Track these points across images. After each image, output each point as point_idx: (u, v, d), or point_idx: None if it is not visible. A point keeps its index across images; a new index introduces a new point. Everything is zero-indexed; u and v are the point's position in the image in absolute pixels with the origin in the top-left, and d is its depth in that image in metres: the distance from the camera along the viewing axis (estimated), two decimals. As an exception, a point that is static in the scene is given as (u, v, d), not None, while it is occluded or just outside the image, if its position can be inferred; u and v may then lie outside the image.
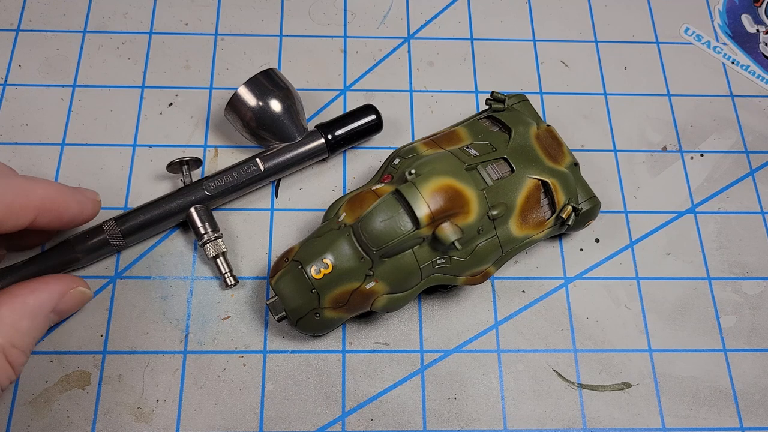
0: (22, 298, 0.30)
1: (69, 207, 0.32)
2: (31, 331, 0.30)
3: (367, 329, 0.36)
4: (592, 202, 0.36)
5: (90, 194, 0.34)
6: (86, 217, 0.33)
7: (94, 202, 0.34)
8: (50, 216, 0.31)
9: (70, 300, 0.33)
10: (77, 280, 0.33)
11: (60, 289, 0.32)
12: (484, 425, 0.34)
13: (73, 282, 0.33)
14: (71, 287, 0.32)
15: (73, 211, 0.32)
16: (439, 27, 0.45)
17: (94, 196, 0.34)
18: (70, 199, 0.32)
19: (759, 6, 0.47)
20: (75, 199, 0.32)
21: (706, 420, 0.35)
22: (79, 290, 0.33)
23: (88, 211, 0.33)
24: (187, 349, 0.35)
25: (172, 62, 0.43)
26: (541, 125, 0.37)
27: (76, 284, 0.33)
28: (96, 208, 0.34)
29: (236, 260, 0.37)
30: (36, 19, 0.44)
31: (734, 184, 0.41)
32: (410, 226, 0.31)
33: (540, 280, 0.38)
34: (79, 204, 0.33)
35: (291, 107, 0.38)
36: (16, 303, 0.30)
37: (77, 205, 0.32)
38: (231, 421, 0.34)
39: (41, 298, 0.31)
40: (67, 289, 0.32)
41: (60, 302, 0.32)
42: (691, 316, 0.37)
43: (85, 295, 0.34)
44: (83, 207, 0.33)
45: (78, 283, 0.33)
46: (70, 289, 0.32)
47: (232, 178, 0.37)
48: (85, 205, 0.33)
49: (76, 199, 0.32)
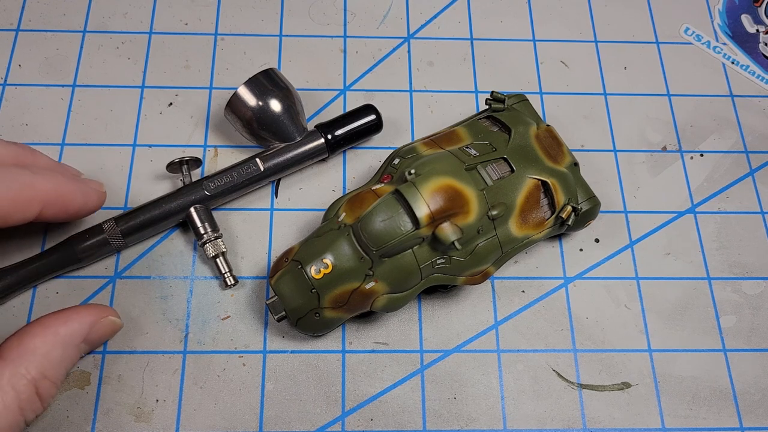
0: (54, 328, 0.30)
1: (74, 199, 0.32)
2: (63, 361, 0.30)
3: (367, 329, 0.36)
4: (592, 202, 0.36)
5: (95, 185, 0.34)
6: (91, 208, 0.33)
7: (99, 193, 0.34)
8: (56, 208, 0.31)
9: (101, 329, 0.32)
10: (107, 310, 0.33)
11: (91, 319, 0.32)
12: (484, 425, 0.34)
13: (104, 311, 0.33)
14: (102, 316, 0.32)
15: (78, 203, 0.32)
16: (439, 27, 0.45)
17: (98, 186, 0.34)
18: (75, 191, 0.32)
19: (759, 6, 0.47)
20: (80, 190, 0.33)
21: (705, 420, 0.35)
22: (110, 320, 0.33)
23: (93, 202, 0.33)
24: (187, 349, 0.35)
25: (171, 62, 0.43)
26: (540, 125, 0.37)
27: (107, 314, 0.33)
28: (101, 199, 0.34)
29: (236, 260, 0.37)
30: (36, 19, 0.44)
31: (734, 184, 0.41)
32: (410, 226, 0.31)
33: (540, 280, 0.38)
34: (84, 196, 0.33)
35: (291, 107, 0.38)
36: (47, 333, 0.30)
37: (82, 197, 0.33)
38: (231, 421, 0.34)
39: (72, 328, 0.31)
40: (97, 318, 0.32)
41: (91, 332, 0.32)
42: (691, 316, 0.37)
43: (115, 324, 0.33)
44: (88, 198, 0.33)
45: (108, 312, 0.33)
46: (101, 319, 0.32)
47: (232, 178, 0.37)
48: (89, 197, 0.33)
49: (81, 190, 0.33)
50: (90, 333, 0.32)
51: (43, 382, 0.29)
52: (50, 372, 0.29)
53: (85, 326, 0.31)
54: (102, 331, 0.33)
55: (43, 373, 0.29)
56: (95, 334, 0.32)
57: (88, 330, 0.31)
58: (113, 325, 0.33)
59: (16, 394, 0.28)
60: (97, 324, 0.32)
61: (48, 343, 0.30)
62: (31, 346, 0.29)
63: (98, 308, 0.33)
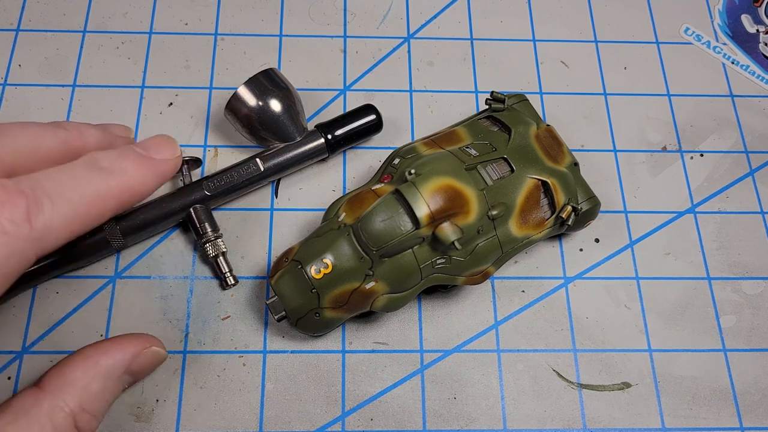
0: (95, 359, 0.29)
1: (148, 187, 0.30)
2: (104, 393, 0.29)
3: (367, 329, 0.36)
4: (592, 202, 0.36)
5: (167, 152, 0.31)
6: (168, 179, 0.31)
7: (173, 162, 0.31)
8: (128, 204, 0.29)
9: (144, 360, 0.31)
10: (151, 340, 0.32)
11: (133, 350, 0.30)
12: (484, 425, 0.34)
13: (147, 341, 0.31)
14: (145, 347, 0.31)
15: (152, 186, 0.30)
16: (439, 27, 0.45)
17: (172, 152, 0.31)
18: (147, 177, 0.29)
19: (759, 6, 0.47)
20: (153, 172, 0.30)
21: (705, 420, 0.35)
22: (153, 350, 0.31)
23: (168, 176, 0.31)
24: (187, 349, 0.35)
25: (172, 62, 0.43)
26: (540, 125, 0.37)
27: (150, 344, 0.31)
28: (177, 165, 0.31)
29: (236, 260, 0.37)
30: (36, 19, 0.44)
31: (734, 184, 0.41)
32: (410, 226, 0.31)
33: (540, 280, 0.38)
34: (158, 176, 0.30)
35: (291, 107, 0.38)
36: (88, 364, 0.29)
37: (156, 179, 0.30)
38: (231, 421, 0.34)
39: (114, 358, 0.30)
40: (141, 349, 0.31)
41: (133, 363, 0.30)
42: (691, 316, 0.37)
43: (159, 355, 0.32)
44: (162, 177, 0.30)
45: (152, 342, 0.32)
46: (144, 349, 0.31)
47: (232, 178, 0.37)
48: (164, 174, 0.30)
49: (154, 172, 0.30)
50: (133, 364, 0.30)
51: (83, 415, 0.28)
52: (89, 405, 0.28)
53: (128, 357, 0.30)
54: (145, 362, 0.31)
55: (81, 405, 0.28)
56: (138, 365, 0.31)
57: (130, 361, 0.30)
58: (157, 356, 0.32)
59: (53, 427, 0.27)
60: (140, 355, 0.31)
61: (88, 375, 0.28)
62: (71, 377, 0.28)
63: (141, 338, 0.31)
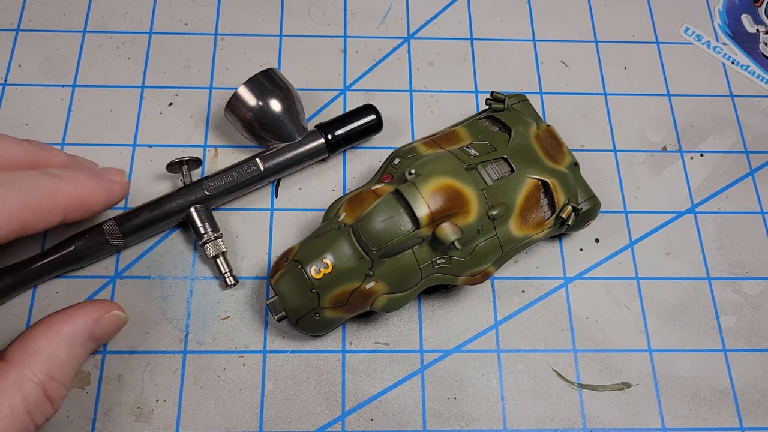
0: (57, 327, 0.29)
1: (97, 198, 0.31)
2: (70, 360, 0.29)
3: (367, 329, 0.36)
4: (592, 202, 0.36)
5: (116, 176, 0.33)
6: (116, 201, 0.33)
7: (122, 185, 0.33)
8: (80, 211, 0.30)
9: (106, 325, 0.31)
10: (111, 305, 0.32)
11: (95, 315, 0.31)
12: (484, 425, 0.34)
13: (108, 306, 0.32)
14: (106, 312, 0.31)
15: (101, 201, 0.31)
16: (439, 27, 0.45)
17: (120, 178, 0.33)
18: (97, 189, 0.31)
19: (759, 6, 0.47)
20: (102, 187, 0.31)
21: (705, 420, 0.35)
22: (114, 314, 0.32)
23: (117, 196, 0.32)
24: (187, 349, 0.35)
25: (172, 62, 0.43)
26: (540, 125, 0.37)
27: (111, 308, 0.32)
28: (125, 190, 0.33)
29: (236, 260, 0.37)
30: (36, 19, 0.44)
31: (734, 184, 0.41)
32: (410, 226, 0.31)
33: (540, 280, 0.38)
34: (107, 193, 0.32)
35: (291, 107, 0.38)
36: (51, 333, 0.29)
37: (104, 195, 0.32)
38: (231, 421, 0.34)
39: (76, 325, 0.30)
40: (101, 314, 0.31)
41: (96, 328, 0.31)
42: (691, 316, 0.37)
43: (120, 318, 0.32)
44: (111, 194, 0.32)
45: (112, 307, 0.32)
46: (105, 314, 0.31)
47: (232, 178, 0.37)
48: (112, 193, 0.32)
49: (103, 187, 0.32)
50: (95, 329, 0.31)
51: (51, 383, 0.28)
52: (57, 372, 0.28)
53: (90, 323, 0.30)
54: (107, 327, 0.32)
55: (49, 374, 0.28)
56: (101, 330, 0.31)
57: (92, 326, 0.31)
58: (118, 320, 0.32)
59: (22, 398, 0.27)
60: (101, 320, 0.31)
61: (53, 343, 0.29)
62: (35, 347, 0.28)
63: (102, 304, 0.32)
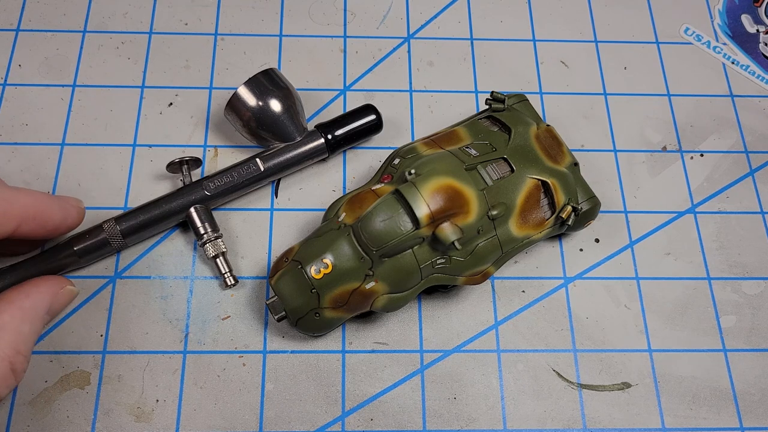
0: (18, 303, 0.30)
1: (52, 215, 0.32)
2: (31, 334, 0.30)
3: (367, 329, 0.36)
4: (592, 202, 0.36)
5: (73, 201, 0.34)
6: (70, 224, 0.34)
7: (78, 210, 0.34)
8: (33, 224, 0.31)
9: (62, 299, 0.33)
10: (63, 280, 0.33)
11: (52, 290, 0.32)
12: (484, 425, 0.34)
13: (61, 282, 0.33)
14: (61, 287, 0.33)
15: (57, 218, 0.33)
16: (439, 27, 0.45)
17: (77, 203, 0.34)
18: (54, 207, 0.32)
19: (759, 6, 0.47)
20: (58, 206, 0.33)
21: (706, 420, 0.35)
22: (68, 289, 0.33)
23: (72, 219, 0.34)
24: (187, 349, 0.35)
25: (172, 62, 0.43)
26: (540, 125, 0.37)
27: (64, 284, 0.33)
28: (80, 216, 0.34)
29: (236, 260, 0.37)
30: (36, 19, 0.44)
31: (734, 184, 0.41)
32: (410, 226, 0.31)
33: (540, 280, 0.38)
34: (63, 211, 0.33)
35: (291, 107, 0.38)
36: (14, 309, 0.30)
37: (60, 213, 0.33)
38: (231, 421, 0.34)
39: (35, 300, 0.31)
40: (57, 289, 0.32)
41: (53, 302, 0.32)
42: (691, 316, 0.37)
43: (73, 293, 0.34)
44: (67, 215, 0.33)
45: (65, 282, 0.33)
46: (61, 289, 0.33)
47: (232, 178, 0.37)
48: (68, 213, 0.33)
49: (60, 206, 0.33)
50: (53, 304, 0.32)
51: (17, 357, 0.29)
52: (22, 347, 0.29)
53: (47, 297, 0.32)
54: (63, 301, 0.33)
55: (15, 348, 0.29)
56: (57, 304, 0.32)
57: (50, 301, 0.32)
58: (72, 294, 0.34)
59: None
60: (58, 294, 0.32)
61: (16, 319, 0.30)
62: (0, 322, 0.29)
63: (55, 279, 0.33)
